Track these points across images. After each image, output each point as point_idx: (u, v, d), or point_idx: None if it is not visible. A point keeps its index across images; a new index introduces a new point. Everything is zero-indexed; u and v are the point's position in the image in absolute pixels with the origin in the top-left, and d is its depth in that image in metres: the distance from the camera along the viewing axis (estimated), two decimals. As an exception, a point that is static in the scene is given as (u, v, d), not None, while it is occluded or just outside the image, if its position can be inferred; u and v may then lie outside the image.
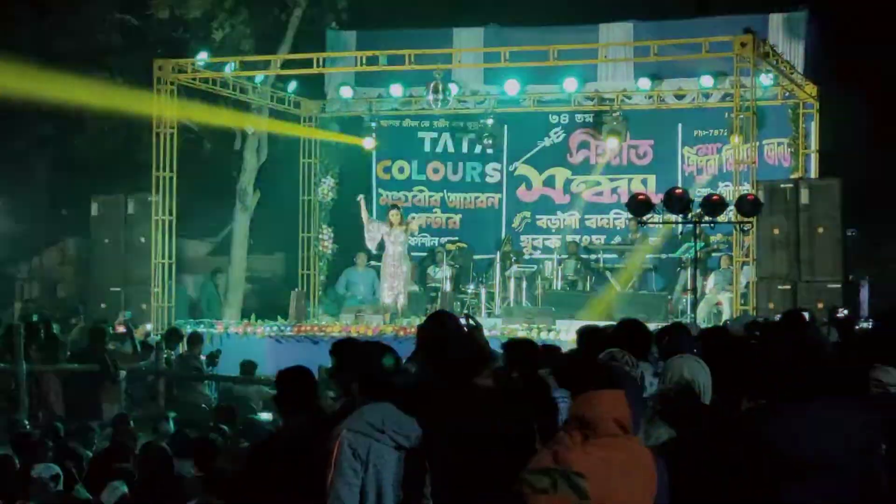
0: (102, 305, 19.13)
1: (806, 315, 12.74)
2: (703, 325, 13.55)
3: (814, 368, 5.40)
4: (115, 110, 24.31)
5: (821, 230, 16.15)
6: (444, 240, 20.96)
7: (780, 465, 4.97)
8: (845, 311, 14.10)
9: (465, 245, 20.92)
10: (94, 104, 24.54)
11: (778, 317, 12.99)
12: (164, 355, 15.63)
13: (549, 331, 15.51)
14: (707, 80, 18.85)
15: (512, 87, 19.62)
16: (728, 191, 16.68)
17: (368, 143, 22.03)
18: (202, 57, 19.94)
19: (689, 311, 16.23)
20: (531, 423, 5.27)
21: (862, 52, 21.01)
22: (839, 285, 16.01)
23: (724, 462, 5.11)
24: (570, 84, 19.50)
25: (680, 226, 17.12)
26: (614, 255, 20.19)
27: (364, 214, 19.60)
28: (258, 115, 22.58)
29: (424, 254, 20.14)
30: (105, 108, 24.55)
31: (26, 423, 11.11)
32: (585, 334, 7.23)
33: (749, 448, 5.05)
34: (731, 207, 15.67)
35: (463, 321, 5.80)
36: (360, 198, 19.78)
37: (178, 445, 8.77)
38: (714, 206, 15.62)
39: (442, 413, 5.35)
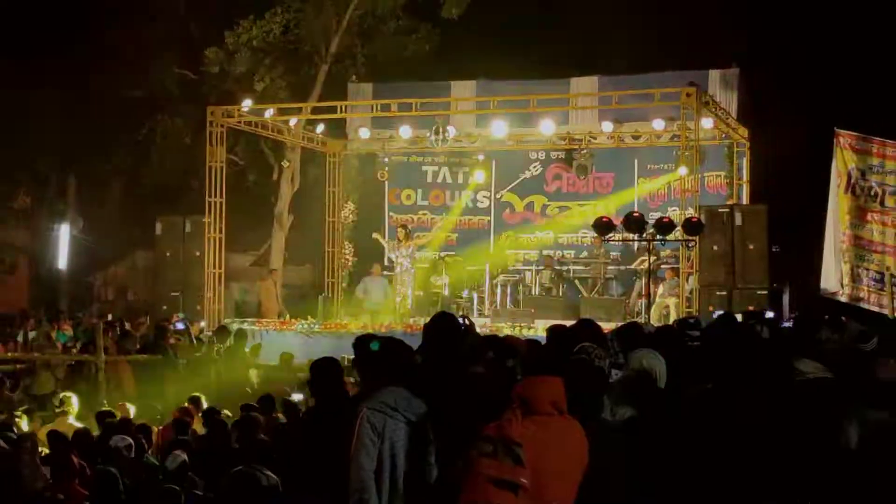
0: (164, 307, 19.08)
1: (739, 316, 12.81)
2: (655, 325, 13.50)
3: (747, 359, 5.42)
4: (176, 147, 24.39)
5: (751, 246, 16.17)
6: (443, 253, 20.90)
7: (721, 437, 4.99)
8: (771, 313, 14.11)
9: (460, 258, 20.88)
10: (159, 142, 24.64)
11: (715, 315, 13.09)
12: (216, 347, 15.69)
13: (529, 328, 15.48)
14: (658, 124, 18.81)
15: (499, 129, 19.59)
16: (676, 214, 16.66)
17: (382, 175, 22.14)
18: (246, 104, 19.93)
19: (643, 313, 16.21)
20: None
21: (782, 102, 21.06)
22: (766, 291, 16.04)
23: (676, 434, 5.13)
24: (546, 127, 19.46)
25: (636, 243, 17.17)
26: (582, 267, 20.21)
27: (383, 241, 19.84)
28: (292, 152, 22.61)
29: (427, 265, 20.07)
30: (167, 145, 24.64)
31: (104, 402, 11.09)
32: (553, 331, 7.23)
33: (696, 423, 5.07)
34: (678, 228, 15.64)
35: (460, 321, 5.80)
36: (376, 235, 19.94)
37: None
38: (664, 226, 15.61)
39: (445, 394, 5.36)
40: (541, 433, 4.58)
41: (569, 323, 7.76)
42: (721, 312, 13.13)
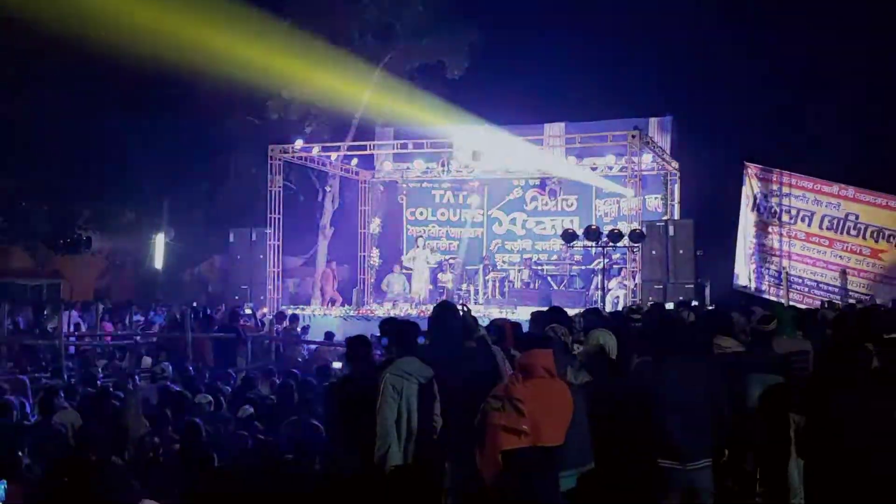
0: (236, 297, 19.13)
1: (670, 305, 12.82)
2: (608, 311, 13.50)
3: (676, 337, 5.44)
4: (245, 175, 24.43)
5: (681, 251, 16.18)
6: (447, 257, 20.90)
7: (651, 398, 5.02)
8: (696, 302, 14.13)
9: (460, 260, 20.89)
10: (232, 171, 24.72)
11: (649, 303, 13.13)
12: (275, 328, 15.73)
13: (513, 313, 15.45)
14: (611, 159, 18.80)
15: (489, 165, 19.79)
16: (624, 227, 16.66)
17: (401, 198, 22.20)
18: (298, 143, 20.01)
19: (599, 301, 16.20)
20: (495, 368, 5.30)
21: (704, 141, 21.09)
22: (692, 285, 16.03)
23: (622, 395, 5.15)
24: (526, 160, 19.52)
25: (594, 248, 17.17)
26: (552, 267, 20.15)
27: (407, 255, 20.16)
28: (333, 179, 22.63)
29: (436, 265, 20.08)
30: (238, 173, 24.71)
31: (190, 369, 11.11)
32: (533, 315, 7.25)
33: (635, 386, 5.10)
34: (626, 237, 15.68)
35: (459, 307, 5.80)
36: (399, 265, 20.23)
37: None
38: (615, 236, 15.68)
39: (446, 363, 5.38)
40: (537, 392, 4.64)
41: (544, 309, 7.79)
42: (657, 303, 13.16)
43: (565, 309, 7.39)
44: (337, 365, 10.49)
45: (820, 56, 23.20)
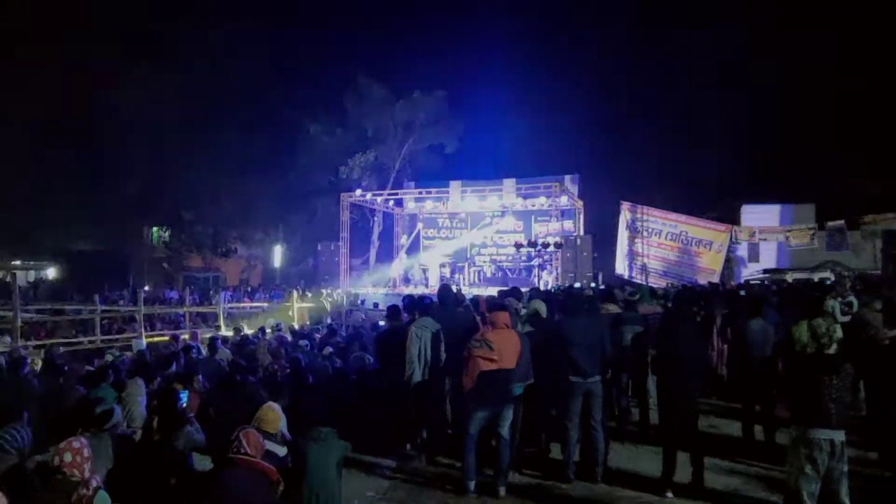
0: (323, 281, 19.08)
1: (577, 285, 12.79)
2: (542, 288, 13.46)
3: (580, 304, 5.44)
4: (326, 210, 24.32)
5: (584, 254, 16.09)
6: (447, 258, 20.72)
7: (565, 340, 5.01)
8: (593, 284, 14.11)
9: (454, 260, 20.61)
10: (319, 209, 24.61)
11: (566, 285, 13.14)
12: (345, 300, 15.68)
13: (485, 291, 15.33)
14: (543, 199, 18.79)
15: (470, 204, 19.73)
16: (551, 239, 16.66)
17: (419, 224, 21.99)
18: (358, 192, 19.94)
19: (537, 283, 16.14)
20: (475, 323, 5.29)
21: (597, 188, 20.93)
22: (591, 274, 15.91)
23: (549, 338, 5.15)
24: (493, 203, 19.51)
25: (533, 252, 17.13)
26: (509, 263, 19.86)
27: (423, 258, 19.97)
28: (378, 213, 22.60)
29: (439, 263, 19.88)
30: (322, 209, 24.60)
31: (295, 324, 11.00)
32: (498, 293, 7.25)
33: (556, 333, 5.11)
34: (552, 246, 15.68)
35: (454, 287, 5.78)
36: (418, 263, 19.91)
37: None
38: (545, 245, 15.72)
39: (445, 319, 5.38)
40: (500, 337, 4.66)
41: (505, 289, 7.79)
42: (570, 284, 13.14)
43: (519, 288, 7.37)
44: (382, 322, 10.51)
45: (665, 149, 23.48)
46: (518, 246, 17.43)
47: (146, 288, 21.56)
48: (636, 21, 26.53)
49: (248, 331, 10.39)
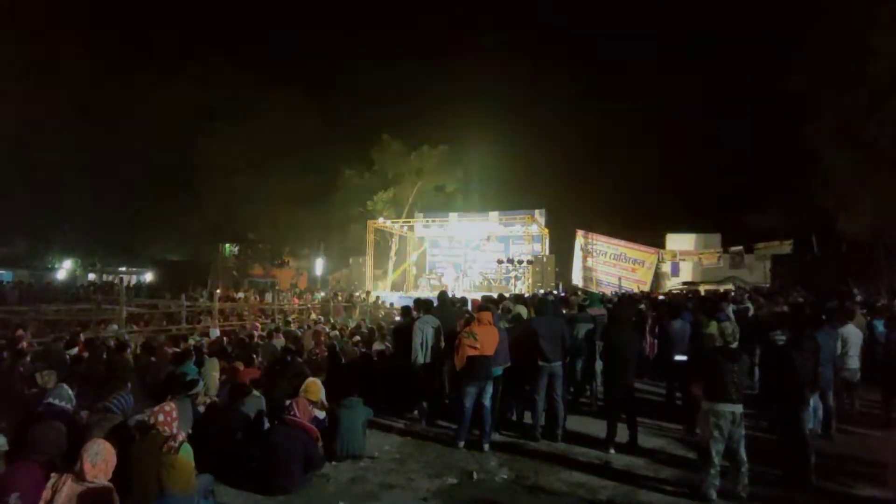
0: (354, 286, 18.93)
1: (542, 291, 12.70)
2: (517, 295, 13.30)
3: (545, 305, 5.44)
4: (355, 234, 24.16)
5: (549, 269, 16.08)
6: (444, 271, 20.57)
7: (536, 334, 5.00)
8: (555, 291, 14.04)
9: (451, 271, 20.42)
10: (351, 234, 24.47)
11: (540, 293, 13.05)
12: (370, 300, 15.51)
13: (475, 294, 15.25)
14: (519, 228, 18.77)
15: (464, 230, 19.66)
16: (525, 257, 16.65)
17: (426, 244, 21.74)
18: (381, 220, 19.86)
19: (515, 291, 16.00)
20: (466, 319, 5.26)
21: (560, 219, 20.86)
22: (554, 284, 15.82)
23: (524, 333, 5.12)
24: (481, 229, 19.47)
25: (511, 267, 17.08)
26: (494, 276, 19.76)
27: (428, 272, 19.63)
28: (393, 236, 22.52)
29: (441, 274, 19.85)
30: (354, 233, 24.40)
31: (332, 320, 10.89)
32: (483, 297, 7.20)
33: (530, 330, 5.09)
34: (525, 262, 15.67)
35: (449, 293, 5.75)
36: (425, 274, 19.49)
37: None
38: (521, 262, 15.70)
39: (444, 318, 5.37)
40: (484, 331, 4.63)
41: (490, 294, 7.71)
42: (542, 292, 13.07)
43: (504, 294, 7.33)
44: (397, 318, 10.47)
45: (609, 191, 23.52)
46: (500, 262, 17.43)
47: (219, 290, 21.45)
48: (582, 91, 26.99)
49: (295, 324, 10.30)
